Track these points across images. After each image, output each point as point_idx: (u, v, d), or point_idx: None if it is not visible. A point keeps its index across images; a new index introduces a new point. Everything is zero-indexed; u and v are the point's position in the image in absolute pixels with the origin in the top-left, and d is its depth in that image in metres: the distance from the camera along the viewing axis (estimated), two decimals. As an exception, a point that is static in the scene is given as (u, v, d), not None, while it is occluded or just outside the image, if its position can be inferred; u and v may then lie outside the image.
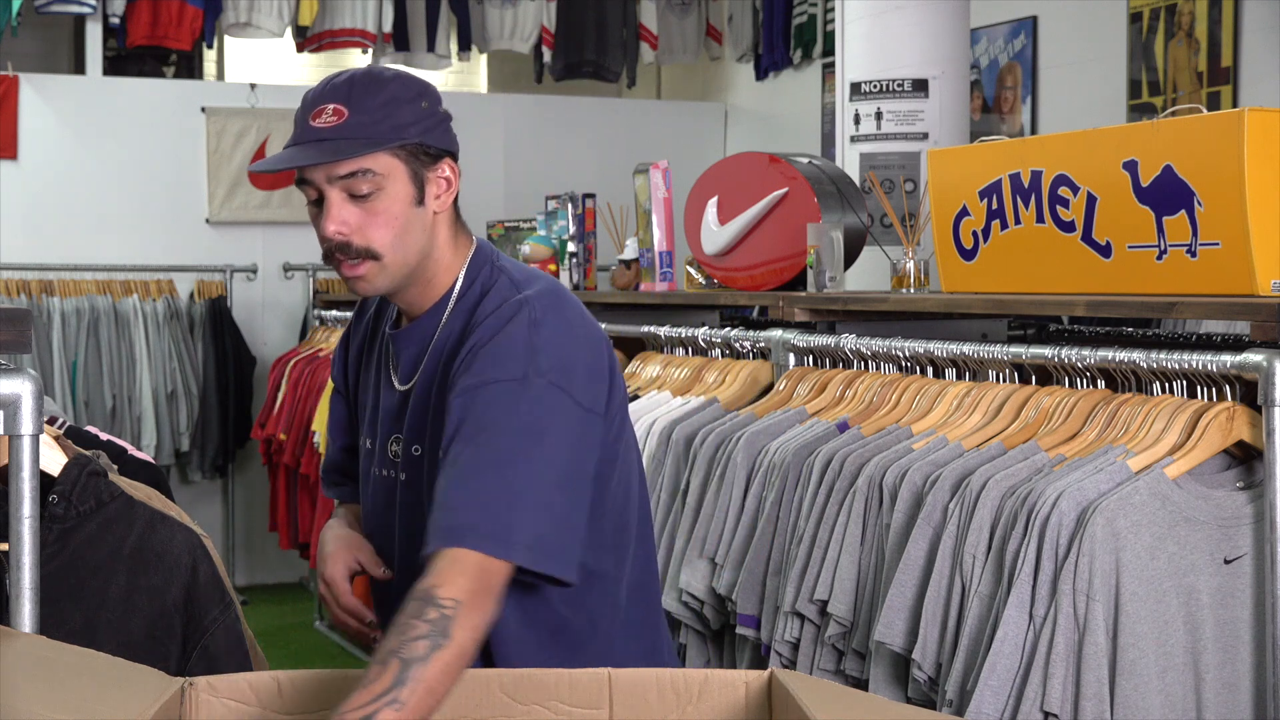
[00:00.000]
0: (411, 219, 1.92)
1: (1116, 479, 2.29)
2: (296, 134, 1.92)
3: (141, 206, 7.31)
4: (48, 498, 1.89)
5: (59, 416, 2.54)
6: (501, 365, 1.84)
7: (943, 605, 2.42)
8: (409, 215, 1.92)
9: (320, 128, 1.89)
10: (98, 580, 1.92)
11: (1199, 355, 2.35)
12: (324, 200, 1.91)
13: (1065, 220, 2.87)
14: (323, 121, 1.89)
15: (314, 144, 1.89)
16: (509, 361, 1.84)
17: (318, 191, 1.91)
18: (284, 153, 1.92)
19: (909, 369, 2.98)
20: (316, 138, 1.89)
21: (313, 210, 1.94)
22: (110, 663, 1.59)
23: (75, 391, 6.90)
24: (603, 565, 1.96)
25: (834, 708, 1.49)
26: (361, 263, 1.91)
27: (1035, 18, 6.45)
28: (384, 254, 1.91)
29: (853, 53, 4.92)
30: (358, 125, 1.88)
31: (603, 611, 1.98)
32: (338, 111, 1.89)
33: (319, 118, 1.90)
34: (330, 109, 1.89)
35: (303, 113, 1.93)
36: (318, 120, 1.90)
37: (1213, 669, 2.25)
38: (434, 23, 7.79)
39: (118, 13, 7.21)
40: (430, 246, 1.96)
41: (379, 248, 1.91)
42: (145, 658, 1.75)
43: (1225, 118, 2.57)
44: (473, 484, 1.77)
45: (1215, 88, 5.54)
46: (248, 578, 7.38)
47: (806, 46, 7.82)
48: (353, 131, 1.88)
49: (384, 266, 1.92)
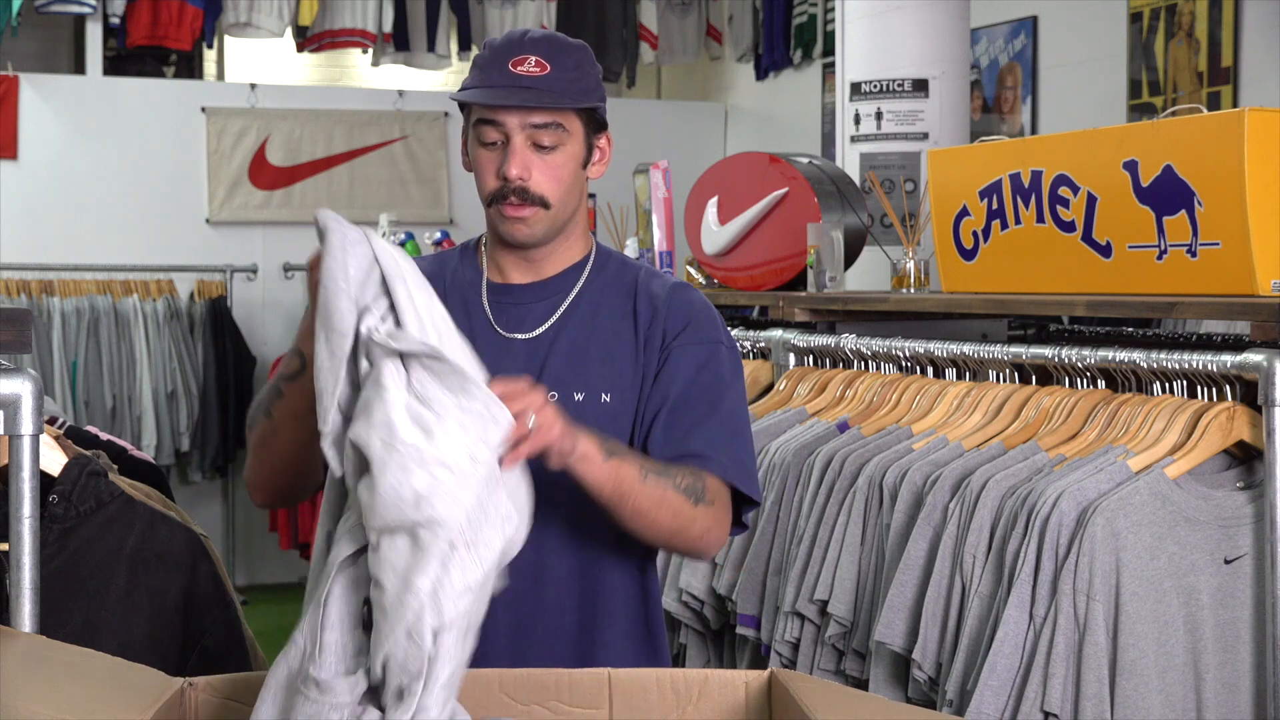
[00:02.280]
0: (578, 178, 2.05)
1: (1117, 479, 2.29)
2: (494, 76, 2.00)
3: (141, 206, 7.31)
4: (48, 498, 1.89)
5: (59, 416, 2.54)
6: (713, 329, 2.07)
7: (943, 605, 2.42)
8: (577, 174, 2.04)
9: (524, 75, 1.98)
10: (98, 580, 1.92)
11: (1199, 355, 2.35)
12: (508, 143, 1.99)
13: (1065, 220, 2.87)
14: (525, 70, 1.98)
15: (519, 90, 1.98)
16: (714, 328, 2.07)
17: (502, 135, 2.00)
18: (490, 91, 2.00)
19: (909, 369, 2.98)
20: (521, 84, 1.98)
21: (484, 152, 2.02)
22: (110, 663, 1.59)
23: (75, 391, 6.90)
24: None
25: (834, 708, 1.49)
26: (530, 208, 2.01)
27: (1035, 18, 6.45)
28: (554, 204, 2.02)
29: (853, 53, 4.92)
30: (559, 80, 1.99)
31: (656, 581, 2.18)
32: (540, 64, 1.99)
33: (521, 65, 1.99)
34: (533, 60, 1.99)
35: (497, 58, 2.01)
36: (520, 68, 1.98)
37: (1213, 669, 2.25)
38: (434, 23, 7.78)
39: (118, 13, 7.21)
40: (580, 209, 2.10)
41: (551, 198, 2.01)
42: (145, 658, 1.75)
43: (1225, 118, 2.57)
44: (726, 428, 1.99)
45: (1215, 88, 5.54)
46: (248, 578, 7.38)
47: (806, 46, 7.82)
48: (555, 86, 1.98)
49: (548, 216, 2.03)
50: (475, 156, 2.04)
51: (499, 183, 2.01)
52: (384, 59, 7.84)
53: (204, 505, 7.30)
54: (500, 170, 2.00)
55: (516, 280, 2.09)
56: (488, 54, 2.02)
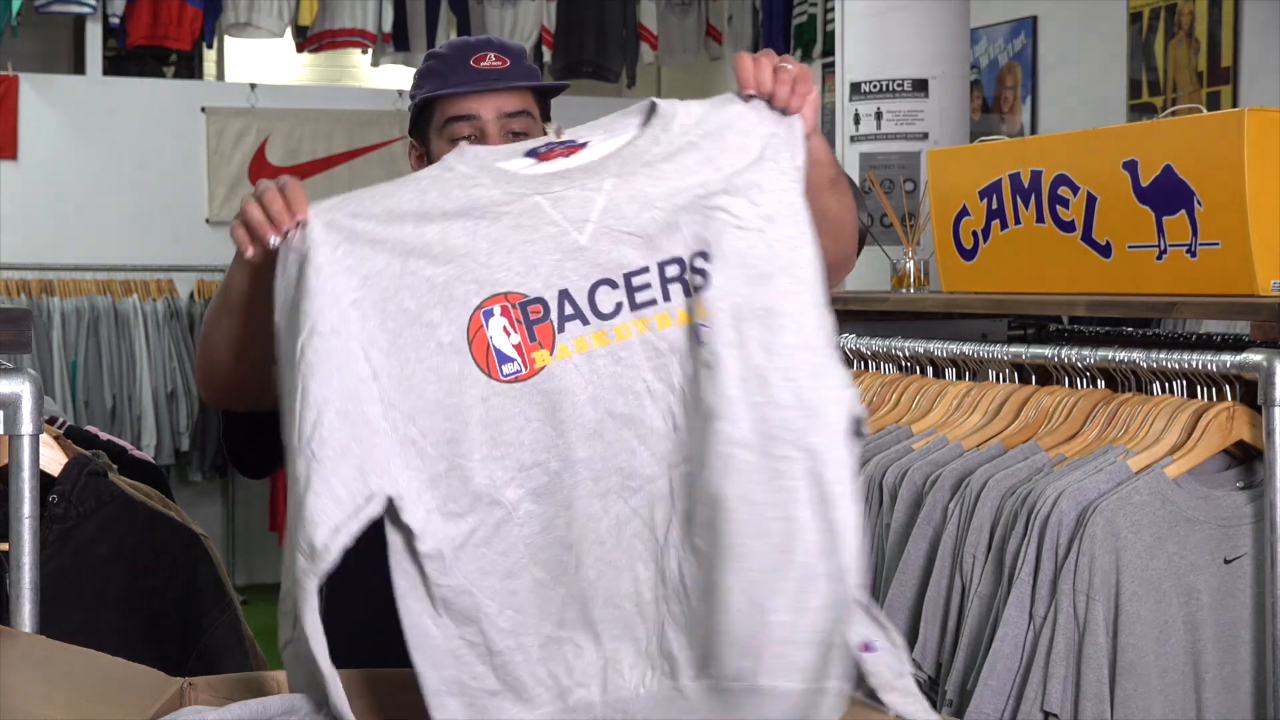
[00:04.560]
0: None
1: (1116, 479, 2.29)
2: (462, 75, 2.07)
3: (141, 206, 7.31)
4: (48, 498, 1.89)
5: (59, 416, 2.54)
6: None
7: (943, 605, 2.42)
8: None
9: (490, 70, 2.07)
10: (98, 580, 1.92)
11: (1199, 355, 2.35)
12: (483, 136, 2.06)
13: (1065, 220, 2.86)
14: (488, 65, 2.07)
15: (494, 79, 2.07)
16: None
17: (476, 129, 2.06)
18: (468, 85, 2.06)
19: (909, 369, 2.98)
20: (491, 76, 2.07)
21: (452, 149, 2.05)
22: (110, 663, 1.59)
23: (75, 391, 6.90)
24: None
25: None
26: None
27: (1035, 18, 6.45)
28: None
29: (853, 53, 4.92)
30: (521, 70, 2.10)
31: None
32: (499, 59, 2.08)
33: (484, 61, 2.07)
34: (492, 55, 2.08)
35: (455, 60, 2.08)
36: (484, 64, 2.07)
37: (1213, 669, 2.25)
38: (434, 23, 7.79)
39: (118, 13, 7.21)
40: None
41: None
42: (145, 658, 1.75)
43: (1225, 118, 2.57)
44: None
45: (1215, 88, 5.54)
46: (248, 578, 7.38)
47: (806, 46, 7.82)
48: (522, 74, 2.09)
49: None
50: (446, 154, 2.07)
51: None
52: (384, 59, 7.84)
53: (204, 505, 7.30)
54: None
55: None
56: (441, 61, 2.10)
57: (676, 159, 1.68)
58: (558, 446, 1.63)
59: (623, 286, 1.65)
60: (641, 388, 1.64)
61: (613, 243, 1.65)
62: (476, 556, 1.61)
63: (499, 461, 1.62)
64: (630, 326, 1.64)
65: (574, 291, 1.64)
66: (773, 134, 1.69)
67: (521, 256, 1.63)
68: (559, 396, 1.62)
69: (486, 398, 1.62)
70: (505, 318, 1.63)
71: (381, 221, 1.61)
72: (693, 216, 1.65)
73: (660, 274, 1.65)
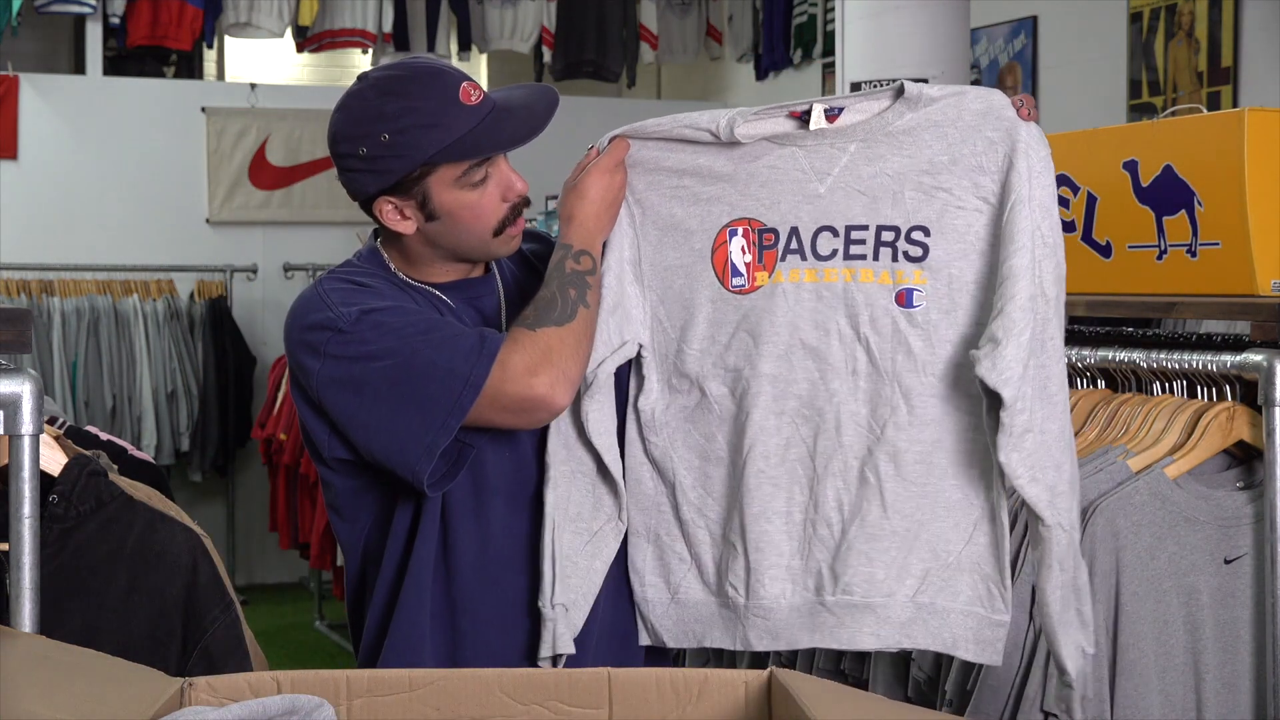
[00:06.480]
0: None
1: (1116, 479, 2.29)
2: (469, 114, 1.93)
3: (141, 206, 7.31)
4: (48, 498, 1.89)
5: (59, 416, 2.54)
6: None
7: (943, 605, 2.41)
8: None
9: (488, 100, 1.96)
10: (98, 580, 1.92)
11: (1199, 355, 2.35)
12: (496, 169, 1.98)
13: (1065, 220, 2.86)
14: (480, 96, 1.96)
15: (514, 115, 1.97)
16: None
17: (488, 166, 1.97)
18: (496, 127, 1.94)
19: (909, 369, 2.97)
20: (498, 108, 1.96)
21: (474, 193, 1.97)
22: (110, 663, 1.59)
23: (75, 391, 6.90)
24: None
25: (834, 707, 1.49)
26: (523, 215, 2.05)
27: (1035, 18, 6.45)
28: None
29: (853, 53, 4.93)
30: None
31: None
32: (475, 84, 1.97)
33: (474, 93, 1.95)
34: (469, 83, 1.97)
35: (442, 99, 1.92)
36: (474, 96, 1.95)
37: (1213, 669, 2.25)
38: (434, 23, 7.79)
39: (118, 13, 7.21)
40: None
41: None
42: (145, 658, 1.75)
43: (1225, 118, 2.57)
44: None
45: (1215, 88, 5.55)
46: (248, 578, 7.38)
47: (806, 46, 7.82)
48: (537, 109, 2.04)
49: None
50: (466, 203, 1.97)
51: (506, 206, 1.99)
52: (384, 59, 7.83)
53: (204, 505, 7.30)
54: (505, 193, 1.99)
55: (453, 278, 2.07)
56: (425, 102, 1.92)
57: (916, 134, 1.95)
58: (752, 358, 1.96)
59: (842, 236, 1.95)
60: (833, 327, 1.95)
61: (845, 197, 1.96)
62: (681, 429, 2.02)
63: (710, 355, 1.99)
64: (838, 272, 1.96)
65: (802, 230, 1.96)
66: (1009, 129, 1.95)
67: (770, 191, 1.98)
68: (763, 315, 1.95)
69: (715, 300, 1.99)
70: (745, 239, 1.98)
71: (666, 149, 2.04)
72: (916, 192, 1.94)
73: (876, 236, 1.94)
